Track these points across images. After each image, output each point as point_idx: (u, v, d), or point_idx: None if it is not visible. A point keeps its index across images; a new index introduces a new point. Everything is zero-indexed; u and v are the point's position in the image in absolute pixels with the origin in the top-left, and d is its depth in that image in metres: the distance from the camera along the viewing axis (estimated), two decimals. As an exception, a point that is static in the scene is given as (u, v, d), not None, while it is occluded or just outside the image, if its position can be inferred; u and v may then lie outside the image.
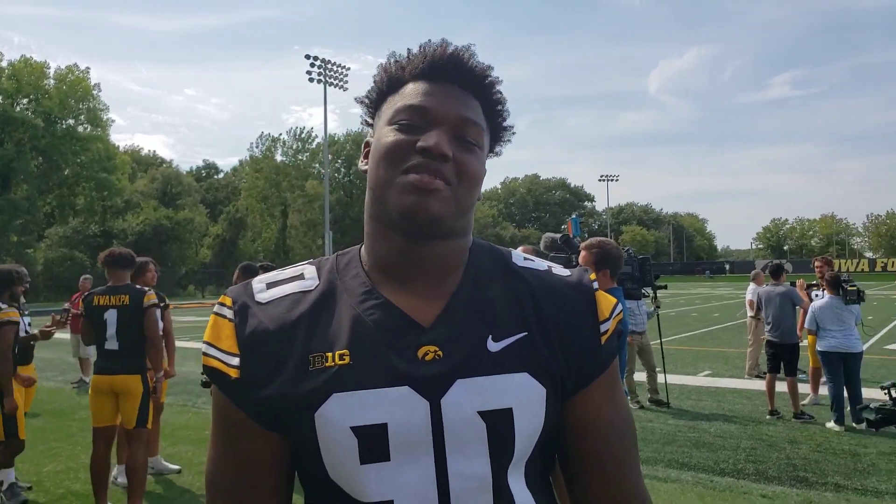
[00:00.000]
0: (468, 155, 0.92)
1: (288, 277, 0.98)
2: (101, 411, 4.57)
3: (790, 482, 5.26)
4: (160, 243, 44.48)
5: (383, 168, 0.91)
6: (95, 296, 4.64)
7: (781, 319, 7.48)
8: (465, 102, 0.95)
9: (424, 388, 0.86)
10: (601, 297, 1.00)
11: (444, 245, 0.94)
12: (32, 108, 42.68)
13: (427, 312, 0.91)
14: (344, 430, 0.84)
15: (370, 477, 0.85)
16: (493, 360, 0.89)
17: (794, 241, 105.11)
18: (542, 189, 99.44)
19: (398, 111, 0.93)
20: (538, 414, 0.90)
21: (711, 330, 17.78)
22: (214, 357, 0.92)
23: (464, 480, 0.86)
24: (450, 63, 0.95)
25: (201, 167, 78.24)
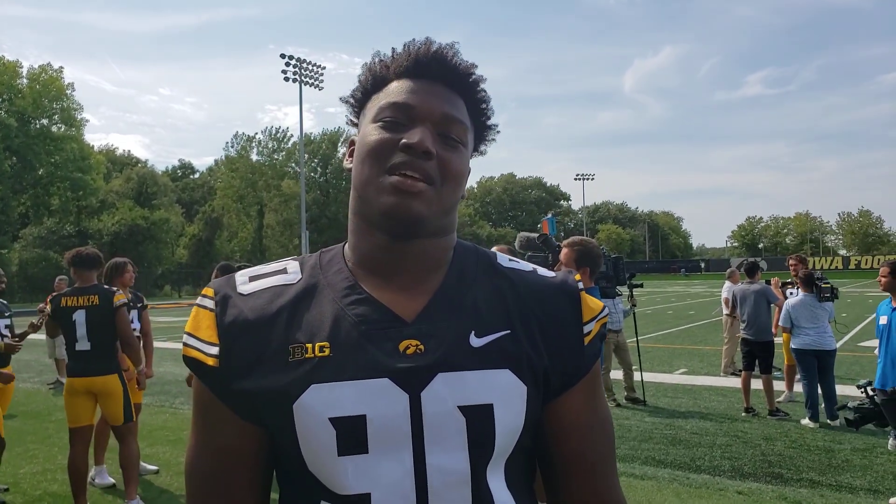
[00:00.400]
0: (452, 153, 0.93)
1: (271, 271, 0.98)
2: (78, 412, 4.55)
3: (766, 478, 5.35)
4: (136, 243, 43.95)
5: (367, 166, 0.92)
6: (63, 297, 4.60)
7: (756, 317, 7.59)
8: (449, 100, 0.95)
9: (405, 380, 0.86)
10: (586, 298, 1.01)
11: (427, 243, 0.94)
12: (6, 108, 41.97)
13: (410, 308, 0.91)
14: (322, 421, 0.84)
15: (348, 469, 0.84)
16: (475, 355, 0.89)
17: (769, 239, 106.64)
18: (518, 188, 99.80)
19: (382, 108, 0.93)
20: (519, 411, 0.89)
21: (687, 328, 17.97)
22: (193, 347, 0.92)
23: (442, 475, 0.85)
24: (434, 61, 0.95)
25: (177, 167, 77.41)
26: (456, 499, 0.86)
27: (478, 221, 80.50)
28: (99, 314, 4.55)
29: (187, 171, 76.98)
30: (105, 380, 4.56)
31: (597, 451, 0.97)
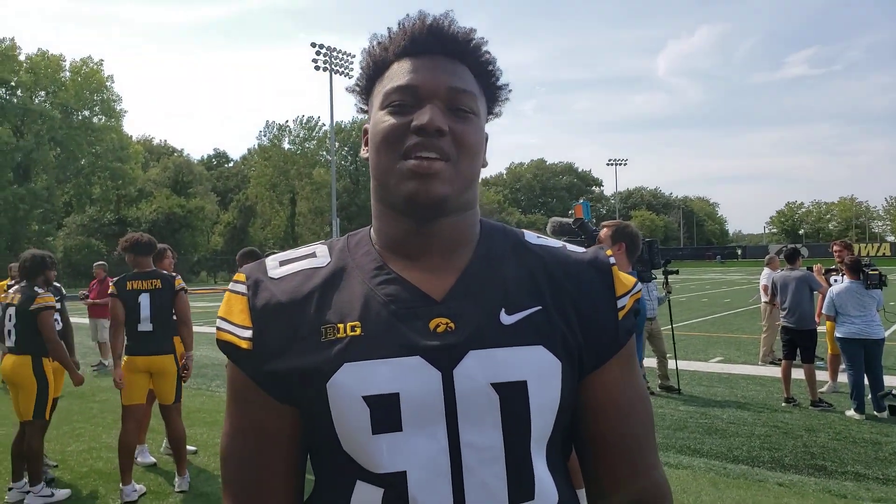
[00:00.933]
0: (464, 125, 0.92)
1: (300, 255, 0.99)
2: (134, 390, 4.73)
3: (808, 471, 5.22)
4: (173, 231, 44.86)
5: (383, 154, 0.91)
6: (128, 280, 4.79)
7: (798, 305, 7.37)
8: (452, 71, 0.93)
9: (436, 358, 0.86)
10: (618, 273, 0.99)
11: (451, 221, 0.94)
12: (50, 101, 43.12)
13: (439, 287, 0.91)
14: (356, 399, 0.85)
15: (382, 447, 0.85)
16: (506, 332, 0.88)
17: (811, 225, 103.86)
18: (548, 174, 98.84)
19: (388, 94, 0.93)
20: (554, 388, 0.89)
21: (723, 315, 17.66)
22: (227, 331, 0.93)
23: (476, 451, 0.85)
24: (430, 35, 0.94)
25: (212, 156, 78.50)
26: (490, 476, 0.85)
27: (507, 208, 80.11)
28: (161, 297, 4.82)
29: (222, 160, 78.02)
30: (164, 359, 4.82)
31: (635, 428, 0.95)
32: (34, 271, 4.90)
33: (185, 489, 4.82)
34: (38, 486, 4.61)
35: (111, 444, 6.05)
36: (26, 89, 42.06)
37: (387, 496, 0.85)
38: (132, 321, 4.75)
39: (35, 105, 41.61)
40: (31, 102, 41.68)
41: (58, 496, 4.69)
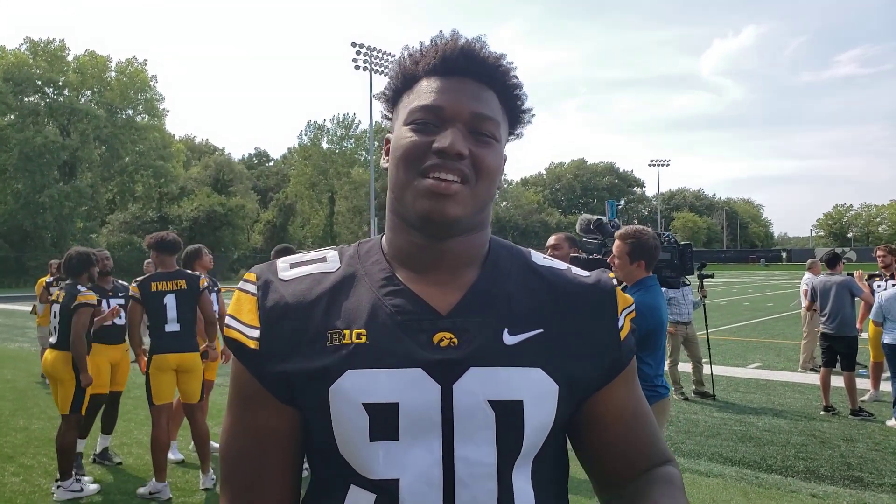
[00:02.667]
0: (484, 149, 0.93)
1: (311, 259, 1.01)
2: (165, 389, 4.80)
3: (843, 482, 5.05)
4: (213, 229, 45.69)
5: (402, 170, 0.93)
6: (152, 282, 4.83)
7: (839, 311, 7.14)
8: (478, 96, 0.95)
9: (438, 372, 0.88)
10: (620, 295, 1.02)
11: (462, 240, 0.95)
12: (95, 100, 44.34)
13: (444, 301, 0.93)
14: (356, 406, 0.86)
15: (378, 454, 0.86)
16: (507, 352, 0.90)
17: (860, 229, 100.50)
18: (589, 174, 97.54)
19: (413, 111, 0.94)
20: (549, 410, 0.91)
21: (764, 320, 17.22)
22: (235, 329, 0.95)
23: (469, 466, 0.87)
24: (462, 56, 0.95)
25: (252, 155, 79.84)
26: (482, 491, 0.87)
27: (547, 209, 79.49)
28: (186, 297, 4.86)
29: (263, 159, 79.29)
30: (192, 357, 4.89)
31: (641, 434, 0.99)
32: (78, 269, 5.00)
33: (210, 487, 4.88)
34: (67, 480, 4.72)
35: (141, 440, 6.18)
36: (73, 89, 43.39)
37: (378, 502, 0.87)
38: (159, 322, 4.80)
39: (81, 104, 42.85)
40: (78, 102, 42.94)
41: (87, 491, 4.79)
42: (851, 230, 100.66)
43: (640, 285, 3.42)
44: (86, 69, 43.94)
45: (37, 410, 7.43)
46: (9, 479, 5.11)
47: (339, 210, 58.38)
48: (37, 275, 20.53)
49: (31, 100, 42.33)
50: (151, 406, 4.80)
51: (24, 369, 10.09)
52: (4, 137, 39.74)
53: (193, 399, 4.94)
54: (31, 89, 41.82)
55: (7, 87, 39.77)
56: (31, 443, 6.10)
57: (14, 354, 11.73)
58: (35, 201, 39.25)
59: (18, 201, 39.70)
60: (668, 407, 3.57)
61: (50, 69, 42.14)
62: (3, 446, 5.98)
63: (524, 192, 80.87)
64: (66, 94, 43.15)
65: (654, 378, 3.37)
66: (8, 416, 7.17)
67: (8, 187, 40.24)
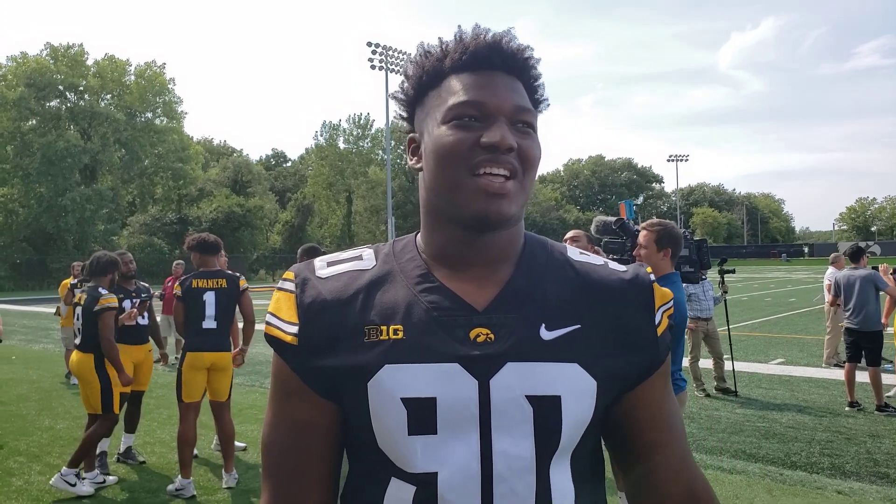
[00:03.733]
0: (528, 141, 0.94)
1: (347, 258, 1.02)
2: (196, 387, 4.86)
3: (870, 478, 4.97)
4: (232, 230, 46.08)
5: (449, 168, 0.92)
6: (193, 279, 4.91)
7: (863, 305, 7.03)
8: (515, 89, 0.95)
9: (475, 367, 0.88)
10: (658, 290, 1.01)
11: (500, 235, 0.96)
12: (115, 103, 44.90)
13: (481, 297, 0.93)
14: (394, 400, 0.88)
15: (417, 448, 0.88)
16: (545, 348, 0.90)
17: (884, 222, 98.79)
18: (607, 170, 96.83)
19: (451, 108, 0.93)
20: (587, 406, 0.91)
21: (786, 316, 17.02)
22: (275, 326, 0.97)
23: (508, 460, 0.88)
24: (492, 50, 0.95)
25: (270, 156, 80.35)
26: (521, 485, 0.88)
27: (565, 206, 79.15)
28: (226, 296, 4.94)
29: (280, 160, 79.76)
30: (226, 355, 4.95)
31: (675, 436, 0.99)
32: (100, 272, 5.07)
33: (233, 485, 4.92)
34: (71, 470, 4.75)
35: (164, 439, 6.25)
36: (93, 93, 43.95)
37: (418, 494, 0.88)
38: (197, 318, 4.86)
39: (101, 108, 43.42)
40: (98, 105, 43.51)
41: (78, 490, 4.75)
42: (875, 223, 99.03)
43: (666, 280, 3.41)
44: (105, 73, 44.50)
45: (62, 410, 7.53)
46: (35, 478, 5.18)
47: (357, 210, 58.57)
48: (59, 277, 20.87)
49: (52, 104, 43.01)
50: (180, 402, 4.86)
51: (49, 370, 10.24)
52: (27, 142, 40.41)
53: (222, 397, 4.99)
54: (52, 94, 42.47)
55: (30, 92, 40.41)
56: (57, 442, 6.18)
57: (39, 355, 11.91)
58: (57, 204, 39.86)
59: (42, 205, 40.35)
60: (684, 400, 3.62)
61: (70, 74, 42.73)
62: (29, 446, 6.07)
63: (542, 189, 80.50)
64: (86, 98, 43.75)
65: (674, 373, 3.37)
66: (34, 416, 7.28)
67: (31, 191, 40.91)
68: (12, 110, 40.09)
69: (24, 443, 6.16)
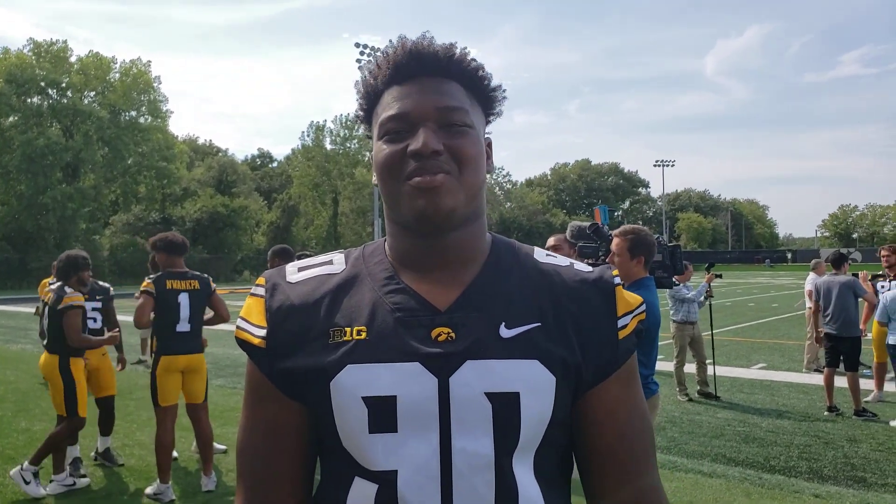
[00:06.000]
0: (460, 139, 0.95)
1: (318, 262, 1.05)
2: (170, 390, 4.78)
3: (847, 482, 5.02)
4: (217, 230, 45.69)
5: (388, 181, 0.96)
6: (167, 279, 4.79)
7: (842, 311, 7.12)
8: (440, 90, 0.96)
9: (434, 365, 0.90)
10: (622, 293, 1.01)
11: (459, 235, 0.97)
12: (99, 101, 44.36)
13: (444, 298, 0.95)
14: (356, 399, 0.90)
15: (377, 446, 0.90)
16: (504, 345, 0.92)
17: (865, 229, 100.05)
18: (593, 175, 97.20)
19: (382, 124, 0.97)
20: (546, 402, 0.92)
21: (769, 321, 17.17)
22: (244, 329, 1.00)
23: (467, 457, 0.89)
24: (412, 59, 0.96)
25: (256, 156, 79.83)
26: (480, 482, 0.89)
27: (551, 209, 79.36)
28: (198, 298, 4.88)
29: (266, 160, 79.30)
30: (199, 357, 4.92)
31: (631, 445, 0.97)
32: (67, 272, 5.00)
33: (212, 489, 4.87)
34: (30, 467, 4.69)
35: (143, 441, 6.17)
36: (76, 90, 43.37)
37: (380, 493, 0.89)
38: (171, 321, 4.76)
39: (84, 105, 42.86)
40: (81, 103, 42.93)
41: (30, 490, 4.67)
42: (856, 231, 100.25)
43: (639, 285, 3.44)
44: (89, 70, 43.94)
45: (38, 412, 7.42)
46: (9, 481, 5.09)
47: (343, 211, 58.37)
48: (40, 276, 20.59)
49: (34, 101, 42.38)
50: (157, 407, 4.76)
51: (27, 371, 10.09)
52: (7, 139, 39.80)
53: (198, 399, 4.93)
54: (34, 90, 41.85)
55: (10, 88, 39.82)
56: (33, 444, 6.07)
57: (16, 356, 11.74)
58: (38, 203, 39.29)
59: (21, 203, 39.76)
60: (656, 404, 3.64)
61: (53, 70, 42.14)
62: (4, 448, 5.98)
63: (528, 193, 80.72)
64: (69, 95, 43.14)
65: (647, 377, 3.40)
66: (10, 417, 7.17)
67: (11, 189, 40.29)
68: (-8, 106, 39.51)
69: (-1, 444, 6.06)
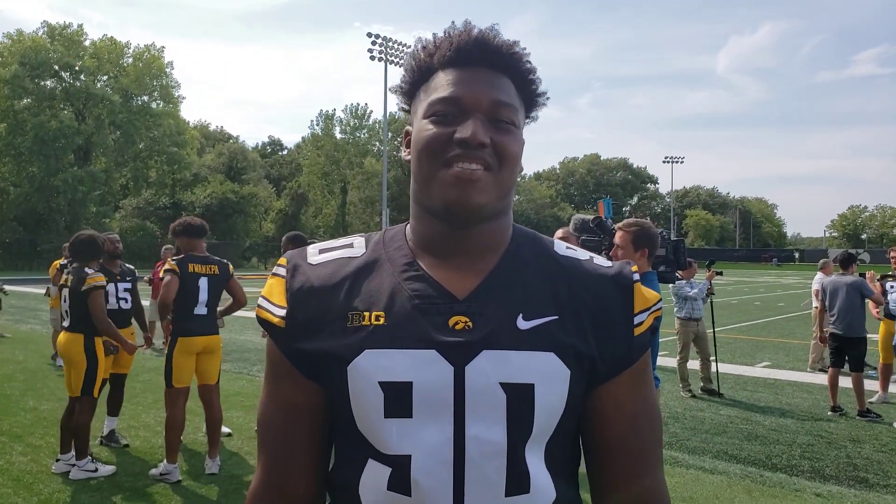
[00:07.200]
0: (505, 136, 0.95)
1: (339, 245, 1.06)
2: (185, 372, 4.84)
3: (848, 482, 5.02)
4: (225, 216, 45.80)
5: (425, 161, 0.96)
6: (189, 263, 4.85)
7: (848, 311, 7.09)
8: (495, 84, 0.97)
9: (451, 353, 0.91)
10: (640, 290, 1.02)
11: (484, 228, 0.98)
12: (111, 85, 44.49)
13: (463, 286, 0.96)
14: (372, 384, 0.91)
15: (392, 430, 0.91)
16: (521, 337, 0.92)
17: (874, 230, 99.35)
18: (602, 169, 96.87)
19: (432, 104, 0.96)
20: (560, 394, 0.93)
21: (774, 320, 17.13)
22: (265, 308, 1.02)
23: (479, 445, 0.90)
24: (476, 46, 0.97)
25: (266, 143, 79.94)
26: (491, 469, 0.90)
27: (560, 203, 79.16)
28: (217, 283, 4.96)
29: (276, 148, 79.38)
30: (216, 339, 5.00)
31: (639, 441, 0.98)
32: (85, 253, 5.02)
33: (216, 472, 4.92)
34: (83, 460, 4.77)
35: (149, 423, 6.24)
36: (89, 74, 43.50)
37: (392, 476, 0.91)
38: (190, 304, 4.82)
39: (97, 89, 42.99)
40: (94, 87, 43.07)
41: (102, 472, 4.84)
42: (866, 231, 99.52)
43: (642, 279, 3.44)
44: (102, 54, 44.08)
45: (46, 391, 7.51)
46: (17, 458, 5.17)
47: (352, 200, 58.35)
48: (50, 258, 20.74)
49: (47, 84, 42.56)
50: (170, 388, 4.81)
51: (36, 351, 10.21)
52: (21, 121, 40.03)
53: (212, 380, 4.99)
54: (47, 73, 42.02)
55: (24, 70, 39.98)
56: (40, 423, 6.17)
57: (26, 336, 11.86)
58: (49, 185, 39.53)
59: (33, 185, 40.03)
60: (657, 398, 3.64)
61: (67, 53, 42.29)
62: (12, 426, 6.05)
63: (537, 187, 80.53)
64: (82, 78, 43.31)
65: None
66: (18, 396, 7.25)
67: (23, 170, 40.57)
68: (5, 88, 39.66)
69: (7, 423, 6.15)
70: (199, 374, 4.97)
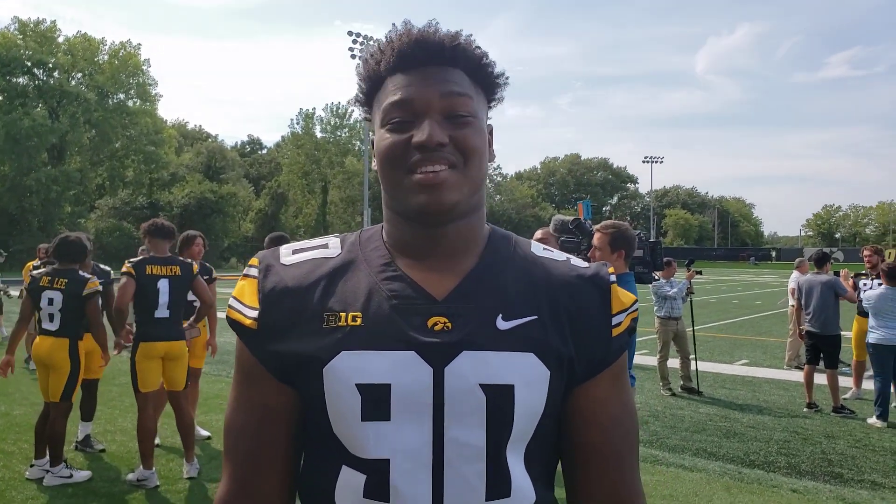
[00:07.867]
0: (465, 130, 0.93)
1: (313, 245, 1.03)
2: (150, 376, 4.74)
3: (824, 477, 5.10)
4: (204, 216, 45.33)
5: (389, 171, 0.94)
6: (147, 264, 4.75)
7: (823, 310, 7.20)
8: (445, 78, 0.94)
9: (430, 354, 0.89)
10: (617, 291, 1.01)
11: (459, 226, 0.96)
12: (86, 83, 43.79)
13: (441, 287, 0.94)
14: (349, 386, 0.88)
15: (369, 434, 0.88)
16: (500, 337, 0.91)
17: (847, 229, 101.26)
18: (583, 169, 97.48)
19: (385, 112, 0.95)
20: (540, 395, 0.91)
21: (752, 318, 17.35)
22: (236, 309, 0.99)
23: (459, 448, 0.88)
24: (417, 47, 0.95)
25: (245, 142, 79.33)
26: (471, 472, 0.88)
27: (540, 203, 79.51)
28: (179, 284, 4.81)
29: (255, 147, 78.78)
30: (179, 344, 4.84)
31: (618, 443, 0.97)
32: (77, 255, 4.91)
33: (194, 475, 4.85)
34: (57, 466, 4.68)
35: (126, 427, 6.15)
36: (63, 71, 42.77)
37: (369, 482, 0.88)
38: (149, 307, 4.72)
39: (71, 87, 42.32)
40: (68, 84, 42.38)
41: (77, 477, 4.75)
42: (839, 230, 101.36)
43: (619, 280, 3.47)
44: (77, 51, 43.42)
45: (19, 396, 7.37)
46: (-10, 463, 5.06)
47: (333, 200, 58.15)
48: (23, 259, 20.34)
49: (19, 81, 41.78)
50: (137, 393, 4.73)
51: (9, 353, 9.99)
52: (-9, 119, 39.29)
53: (178, 387, 4.88)
54: (19, 70, 41.27)
55: (-6, 67, 39.25)
56: (12, 428, 6.06)
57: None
58: (21, 184, 38.86)
59: (4, 184, 39.32)
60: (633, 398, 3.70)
61: (39, 50, 41.58)
62: (-16, 431, 5.93)
63: (518, 186, 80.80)
64: (55, 76, 42.60)
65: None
66: (-9, 400, 7.10)
67: (-6, 170, 39.83)
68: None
69: (-21, 428, 6.02)
70: (166, 380, 4.87)
